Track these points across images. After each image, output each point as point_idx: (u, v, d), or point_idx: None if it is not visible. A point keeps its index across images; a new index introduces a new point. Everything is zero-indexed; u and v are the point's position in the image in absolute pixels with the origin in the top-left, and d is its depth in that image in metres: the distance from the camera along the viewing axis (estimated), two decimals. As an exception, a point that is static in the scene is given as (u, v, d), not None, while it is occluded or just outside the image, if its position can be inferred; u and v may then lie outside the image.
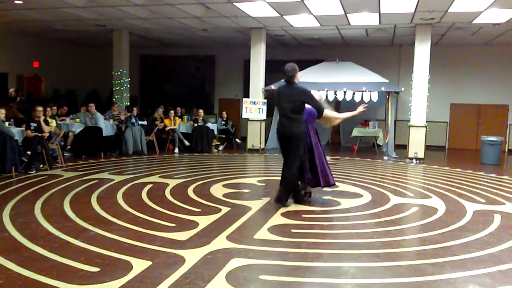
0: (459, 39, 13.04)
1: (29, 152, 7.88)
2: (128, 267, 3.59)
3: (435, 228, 5.05)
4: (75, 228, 4.65)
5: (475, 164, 10.86)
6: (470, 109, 14.51)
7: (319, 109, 5.88)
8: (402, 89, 12.29)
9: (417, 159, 11.25)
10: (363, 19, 10.72)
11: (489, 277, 3.61)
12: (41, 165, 8.26)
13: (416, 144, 11.44)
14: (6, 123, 8.33)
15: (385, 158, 11.59)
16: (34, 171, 7.94)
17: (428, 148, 12.38)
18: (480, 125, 14.45)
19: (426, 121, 11.64)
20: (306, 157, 5.98)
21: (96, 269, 3.54)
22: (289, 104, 5.73)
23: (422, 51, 11.39)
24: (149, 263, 3.69)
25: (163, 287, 3.22)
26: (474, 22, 10.51)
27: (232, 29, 12.52)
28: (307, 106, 5.89)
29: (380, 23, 11.03)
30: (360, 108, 6.24)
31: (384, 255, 4.09)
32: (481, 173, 9.38)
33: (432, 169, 9.95)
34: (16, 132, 8.21)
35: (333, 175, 6.30)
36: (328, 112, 6.20)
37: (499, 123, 14.10)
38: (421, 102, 11.48)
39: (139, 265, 3.62)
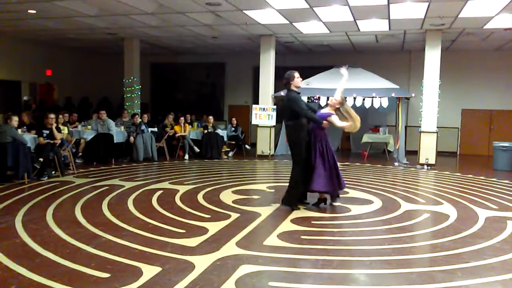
0: (470, 44, 12.95)
1: (41, 159, 7.98)
2: (138, 273, 3.61)
3: (446, 234, 5.00)
4: (86, 234, 4.69)
5: (487, 170, 10.73)
6: (482, 115, 14.37)
7: (302, 115, 5.94)
8: (413, 95, 12.22)
9: (428, 165, 11.15)
10: (373, 25, 10.71)
11: (501, 285, 3.56)
12: (53, 172, 8.35)
13: (427, 150, 11.34)
14: (19, 130, 8.45)
15: (396, 164, 11.51)
16: (46, 177, 8.03)
17: (439, 154, 12.26)
18: (492, 130, 14.29)
19: (437, 127, 11.55)
20: (317, 162, 5.95)
21: (106, 275, 3.56)
22: (285, 112, 6.11)
23: (432, 57, 11.32)
24: (159, 269, 3.70)
25: (173, 293, 3.23)
26: (485, 27, 10.44)
27: (241, 36, 12.59)
28: (322, 111, 6.10)
29: (390, 29, 11.01)
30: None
31: (395, 262, 4.06)
32: (494, 179, 9.27)
33: (443, 175, 9.86)
34: (29, 139, 8.33)
35: (344, 181, 6.33)
36: (334, 120, 5.96)
37: (511, 129, 13.92)
38: (432, 107, 11.39)
39: (149, 271, 3.64)
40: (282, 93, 12.16)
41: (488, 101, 14.18)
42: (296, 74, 6.15)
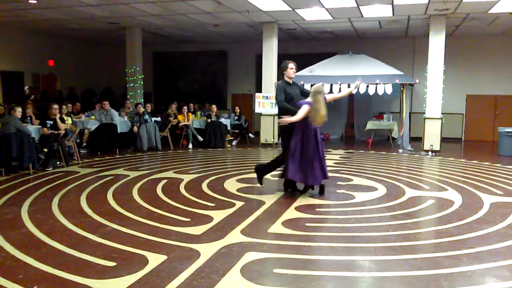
0: (474, 29, 12.80)
1: (46, 150, 8.01)
2: (144, 261, 3.63)
3: (451, 220, 4.99)
4: (91, 224, 4.71)
5: (492, 156, 10.68)
6: (486, 100, 14.26)
7: (276, 104, 6.20)
8: (417, 81, 12.13)
9: (432, 151, 11.11)
10: (376, 11, 10.59)
11: (507, 270, 3.56)
12: (57, 162, 8.39)
13: (432, 137, 11.29)
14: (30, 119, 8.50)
15: (400, 151, 11.48)
16: (51, 168, 8.07)
17: (444, 140, 12.21)
18: (497, 116, 14.20)
19: (442, 113, 11.48)
20: (294, 151, 5.96)
21: (112, 264, 3.58)
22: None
23: (436, 43, 11.20)
24: (165, 257, 3.72)
25: (179, 281, 3.25)
26: (490, 11, 10.31)
27: (244, 24, 12.49)
28: (306, 100, 5.99)
29: (393, 14, 10.88)
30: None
31: (400, 248, 4.06)
32: (498, 165, 9.23)
33: (448, 161, 9.82)
34: (33, 129, 8.36)
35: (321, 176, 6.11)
36: (300, 111, 5.82)
37: (516, 114, 13.84)
38: (436, 94, 11.31)
39: (154, 260, 3.66)
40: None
41: (493, 86, 14.07)
42: (290, 65, 6.12)
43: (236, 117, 13.30)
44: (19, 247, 3.95)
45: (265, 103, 12.40)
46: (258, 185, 6.90)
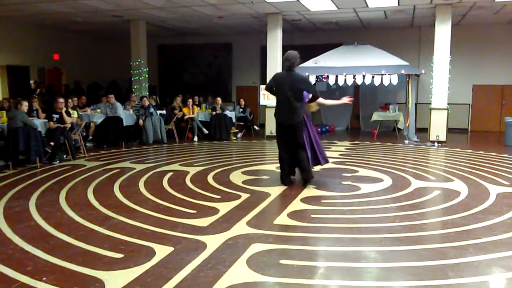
0: (481, 18, 12.67)
1: (52, 143, 8.06)
2: (151, 253, 3.66)
3: (457, 211, 4.98)
4: (99, 216, 4.75)
5: (498, 147, 10.62)
6: (493, 90, 14.14)
7: (316, 96, 6.15)
8: (423, 71, 12.05)
9: (438, 142, 11.06)
10: (382, 1, 10.50)
11: (513, 260, 3.56)
12: (64, 156, 8.44)
13: (438, 127, 11.24)
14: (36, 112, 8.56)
15: (406, 142, 11.43)
16: (58, 161, 8.12)
17: (450, 131, 12.14)
18: (503, 106, 14.09)
19: (448, 104, 11.40)
20: (307, 141, 6.23)
21: (120, 256, 3.62)
22: (291, 92, 5.94)
23: (442, 32, 11.09)
24: (171, 249, 3.75)
25: (185, 272, 3.28)
26: (497, 0, 10.19)
27: (248, 15, 12.43)
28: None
29: (399, 4, 10.78)
30: (345, 99, 6.29)
31: (406, 239, 4.06)
32: (505, 155, 9.18)
33: (454, 152, 9.78)
34: (39, 123, 8.41)
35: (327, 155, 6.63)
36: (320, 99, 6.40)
37: (524, 104, 13.72)
38: (443, 84, 11.23)
39: (161, 251, 3.69)
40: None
41: (500, 76, 13.94)
42: None
43: (241, 110, 13.29)
44: (27, 239, 4.00)
45: (270, 95, 12.34)
46: (264, 177, 6.92)
